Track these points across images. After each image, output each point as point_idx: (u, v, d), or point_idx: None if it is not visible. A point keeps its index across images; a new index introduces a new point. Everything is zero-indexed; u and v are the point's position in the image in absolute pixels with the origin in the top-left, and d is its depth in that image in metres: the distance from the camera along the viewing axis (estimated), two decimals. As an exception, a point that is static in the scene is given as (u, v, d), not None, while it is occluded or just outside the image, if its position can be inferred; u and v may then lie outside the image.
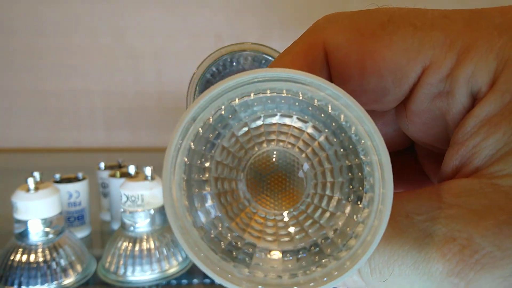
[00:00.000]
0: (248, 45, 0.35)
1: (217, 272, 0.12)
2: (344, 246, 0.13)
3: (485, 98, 0.14)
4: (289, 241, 0.14)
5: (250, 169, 0.14)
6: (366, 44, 0.15)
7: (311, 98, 0.13)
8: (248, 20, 0.92)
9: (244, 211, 0.14)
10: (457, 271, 0.13)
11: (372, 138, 0.12)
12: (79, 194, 0.51)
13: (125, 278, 0.42)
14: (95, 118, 0.95)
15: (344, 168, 0.14)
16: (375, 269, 0.14)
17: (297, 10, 0.92)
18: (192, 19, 0.92)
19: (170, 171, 0.12)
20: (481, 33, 0.14)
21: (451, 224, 0.13)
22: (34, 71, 0.93)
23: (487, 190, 0.13)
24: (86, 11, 0.91)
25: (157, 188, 0.43)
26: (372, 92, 0.16)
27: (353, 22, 0.16)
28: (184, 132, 0.13)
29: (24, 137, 0.96)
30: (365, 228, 0.12)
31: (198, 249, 0.12)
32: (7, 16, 0.91)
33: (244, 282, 0.12)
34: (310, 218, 0.14)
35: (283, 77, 0.12)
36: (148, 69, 0.94)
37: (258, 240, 0.13)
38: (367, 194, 0.13)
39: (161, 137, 0.96)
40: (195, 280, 0.44)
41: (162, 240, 0.43)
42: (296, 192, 0.14)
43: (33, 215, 0.40)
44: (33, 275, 0.40)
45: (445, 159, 0.15)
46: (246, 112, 0.14)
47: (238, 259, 0.13)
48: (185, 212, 0.13)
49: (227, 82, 0.12)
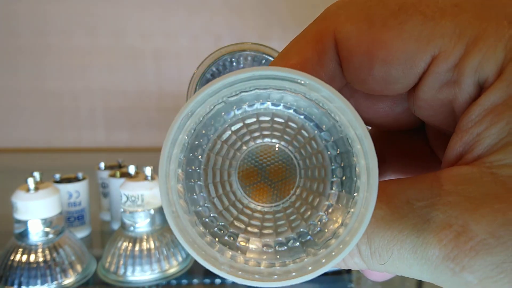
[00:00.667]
0: (248, 45, 0.35)
1: (202, 256, 0.13)
2: (333, 236, 0.14)
3: (491, 88, 0.14)
4: (274, 232, 0.14)
5: (243, 162, 0.15)
6: (377, 33, 0.15)
7: (306, 97, 0.13)
8: (248, 20, 0.92)
9: (234, 201, 0.15)
10: (452, 256, 0.13)
11: (362, 142, 0.13)
12: (79, 194, 0.51)
13: (125, 278, 0.42)
14: (95, 118, 0.95)
15: (335, 168, 0.14)
16: (375, 252, 0.14)
17: (297, 10, 0.92)
18: (192, 19, 0.92)
19: (166, 161, 0.13)
20: (491, 22, 0.14)
21: (448, 211, 0.14)
22: (34, 71, 0.93)
23: (486, 179, 0.14)
24: (86, 11, 0.91)
25: (157, 188, 0.43)
26: (382, 80, 0.16)
27: (364, 10, 0.16)
28: (181, 126, 0.13)
29: (24, 137, 0.96)
30: (346, 228, 0.13)
31: (187, 234, 0.13)
32: (7, 16, 0.91)
33: (225, 267, 0.13)
34: (298, 210, 0.14)
35: (280, 76, 0.13)
36: (148, 69, 0.94)
37: (242, 230, 0.14)
38: (354, 196, 0.14)
39: (161, 137, 0.96)
40: (195, 280, 0.44)
41: (162, 240, 0.43)
42: (286, 185, 0.15)
43: (33, 215, 0.40)
44: (33, 275, 0.40)
45: (449, 145, 0.15)
46: (241, 108, 0.14)
47: (222, 246, 0.14)
48: (178, 199, 0.13)
49: (225, 79, 0.13)
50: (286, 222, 0.14)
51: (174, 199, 0.13)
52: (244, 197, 0.15)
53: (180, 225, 0.13)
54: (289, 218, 0.15)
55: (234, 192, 0.15)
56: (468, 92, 0.15)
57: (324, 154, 0.14)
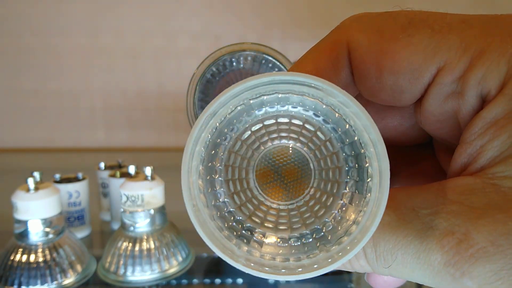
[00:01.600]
0: (248, 45, 0.35)
1: (220, 248, 0.14)
2: (345, 234, 0.14)
3: (493, 101, 0.15)
4: (288, 228, 0.15)
5: (261, 161, 0.16)
6: (386, 44, 0.16)
7: (322, 102, 0.14)
8: (248, 20, 0.92)
9: (250, 198, 0.15)
10: (453, 262, 0.14)
11: (376, 146, 0.13)
12: (79, 194, 0.51)
13: (125, 278, 0.42)
14: (95, 118, 0.95)
15: (348, 169, 0.15)
16: (380, 256, 0.15)
17: (297, 10, 0.92)
18: (192, 19, 0.92)
19: (189, 158, 0.14)
20: (495, 38, 0.15)
21: (452, 219, 0.14)
22: (34, 71, 0.93)
23: (488, 190, 0.14)
24: (86, 11, 0.91)
25: (157, 188, 0.43)
26: (390, 90, 0.17)
27: (375, 23, 0.17)
28: (204, 125, 0.14)
29: (24, 137, 0.96)
30: (359, 225, 0.14)
31: (206, 227, 0.14)
32: (7, 16, 0.91)
33: (241, 259, 0.14)
34: (312, 208, 0.15)
35: (299, 81, 0.14)
36: (148, 69, 0.93)
37: (258, 225, 0.15)
38: (366, 196, 0.14)
39: (161, 137, 0.96)
40: (195, 280, 0.44)
41: (162, 240, 0.43)
42: (301, 185, 0.16)
43: (33, 215, 0.40)
44: (33, 275, 0.40)
45: (454, 157, 0.16)
46: (261, 110, 0.15)
47: (239, 239, 0.14)
48: (198, 194, 0.14)
49: (247, 82, 0.14)
50: (300, 219, 0.15)
51: (195, 194, 0.14)
52: (261, 194, 0.16)
53: (200, 218, 0.14)
54: (303, 216, 0.15)
55: (251, 189, 0.16)
56: (471, 104, 0.16)
57: (339, 156, 0.15)
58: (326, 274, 0.14)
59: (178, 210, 0.52)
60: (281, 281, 0.43)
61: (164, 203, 0.44)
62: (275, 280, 0.43)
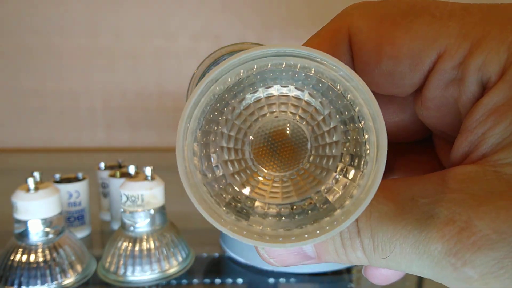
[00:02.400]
0: (248, 45, 0.35)
1: (208, 212, 0.14)
2: (338, 205, 0.14)
3: (494, 88, 0.15)
4: (280, 197, 0.15)
5: (258, 132, 0.15)
6: (386, 30, 0.16)
7: (323, 76, 0.14)
8: (248, 20, 0.92)
9: (244, 168, 0.15)
10: (454, 251, 0.13)
11: (375, 119, 0.13)
12: (79, 194, 0.51)
13: (125, 278, 0.42)
14: (95, 118, 0.95)
15: (345, 142, 0.15)
16: (378, 246, 0.15)
17: (297, 10, 0.92)
18: (192, 19, 0.92)
19: (186, 120, 0.14)
20: (495, 26, 0.15)
21: (452, 207, 0.14)
22: (34, 71, 0.93)
23: (489, 177, 0.14)
24: (86, 11, 0.91)
25: (157, 188, 0.43)
26: (390, 75, 0.17)
27: (376, 10, 0.17)
28: (204, 90, 0.14)
29: (24, 137, 0.96)
30: (358, 190, 0.14)
31: (205, 203, 0.14)
32: (7, 16, 0.91)
33: (230, 226, 0.14)
34: (308, 179, 0.15)
35: (302, 54, 0.14)
36: (148, 69, 0.93)
37: (249, 192, 0.15)
38: (363, 169, 0.14)
39: (161, 137, 0.96)
40: (195, 280, 0.44)
41: (162, 240, 0.43)
42: (296, 157, 0.15)
43: (33, 215, 0.40)
44: (33, 275, 0.40)
45: (455, 145, 0.16)
46: (262, 81, 0.15)
47: (239, 213, 0.14)
48: (192, 157, 0.14)
49: (252, 52, 0.14)
50: (292, 190, 0.15)
51: (189, 157, 0.14)
52: (255, 165, 0.15)
53: (191, 181, 0.14)
54: (296, 187, 0.15)
55: (245, 160, 0.15)
56: (471, 91, 0.16)
57: (337, 129, 0.15)
58: (326, 274, 0.14)
59: (178, 210, 0.52)
60: (281, 281, 0.43)
61: (164, 203, 0.44)
62: (275, 280, 0.43)
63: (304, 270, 0.43)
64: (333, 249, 0.16)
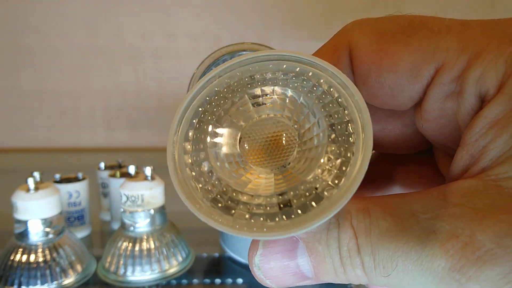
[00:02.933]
0: (248, 45, 0.35)
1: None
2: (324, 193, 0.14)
3: (493, 101, 0.15)
4: (274, 190, 0.15)
5: (247, 130, 0.16)
6: (385, 44, 0.17)
7: (317, 78, 0.15)
8: (248, 20, 0.92)
9: (231, 162, 0.16)
10: (459, 267, 0.13)
11: (360, 111, 0.14)
12: (79, 194, 0.51)
13: (125, 278, 0.42)
14: (95, 118, 0.95)
15: (330, 134, 0.15)
16: (379, 264, 0.14)
17: (297, 10, 0.92)
18: (192, 19, 0.92)
19: (183, 110, 0.15)
20: (493, 39, 0.15)
21: (454, 222, 0.14)
22: (34, 71, 0.93)
23: (490, 191, 0.14)
24: (86, 11, 0.91)
25: (157, 188, 0.43)
26: (389, 88, 0.17)
27: (376, 26, 0.17)
28: (206, 85, 0.15)
29: (24, 137, 0.96)
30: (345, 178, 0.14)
31: (194, 199, 0.14)
32: (7, 16, 0.91)
33: (235, 225, 0.14)
34: (296, 171, 0.15)
35: (308, 61, 0.15)
36: (148, 69, 0.93)
37: (246, 189, 0.15)
38: (349, 161, 0.14)
39: (161, 137, 0.96)
40: (195, 280, 0.44)
41: (162, 240, 0.43)
42: (285, 150, 0.16)
43: (33, 215, 0.40)
44: (33, 275, 0.40)
45: (455, 158, 0.16)
46: (262, 82, 0.16)
47: (227, 207, 0.15)
48: (182, 142, 0.15)
49: (255, 55, 0.15)
50: (281, 182, 0.15)
51: (180, 139, 0.15)
52: (243, 161, 0.16)
53: (186, 191, 0.14)
54: (285, 179, 0.15)
55: (234, 155, 0.16)
56: (470, 103, 0.16)
57: (322, 122, 0.15)
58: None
59: (178, 210, 0.52)
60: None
61: (164, 203, 0.44)
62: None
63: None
64: (332, 268, 0.15)
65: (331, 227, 0.15)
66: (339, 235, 0.15)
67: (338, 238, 0.15)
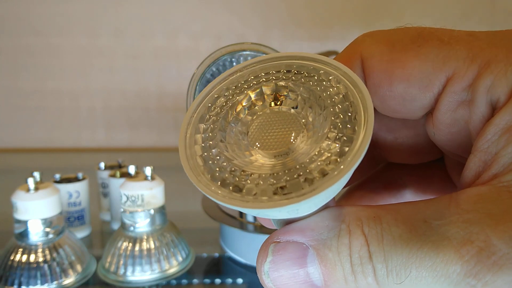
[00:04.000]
0: (248, 45, 0.35)
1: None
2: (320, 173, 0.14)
3: (504, 108, 0.15)
4: (277, 171, 0.15)
5: (260, 121, 0.16)
6: (396, 54, 0.17)
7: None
8: (248, 20, 0.92)
9: (242, 147, 0.16)
10: (474, 272, 0.13)
11: (363, 100, 0.15)
12: (79, 194, 0.51)
13: (125, 278, 0.42)
14: (95, 118, 0.95)
15: (336, 119, 0.15)
16: (392, 271, 0.14)
17: (297, 10, 0.92)
18: (192, 19, 0.92)
19: (194, 109, 0.16)
20: (502, 49, 0.16)
21: (469, 228, 0.14)
22: (34, 71, 0.93)
23: (504, 197, 0.14)
24: (86, 11, 0.91)
25: (157, 188, 0.43)
26: (400, 98, 0.17)
27: (387, 37, 0.18)
28: (218, 84, 0.17)
29: (24, 137, 0.96)
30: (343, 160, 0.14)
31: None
32: (7, 16, 0.91)
33: (242, 202, 0.14)
34: (298, 154, 0.15)
35: (315, 59, 0.16)
36: (148, 69, 0.94)
37: (249, 168, 0.15)
38: (352, 137, 0.14)
39: (161, 137, 0.96)
40: (195, 280, 0.44)
41: (162, 240, 0.43)
42: (289, 136, 0.16)
43: (33, 215, 0.40)
44: (33, 275, 0.40)
45: (466, 165, 0.16)
46: (277, 79, 0.17)
47: (233, 186, 0.15)
48: (192, 144, 0.16)
49: (269, 56, 0.17)
50: (284, 164, 0.15)
51: (194, 121, 0.16)
52: (251, 145, 0.16)
53: (196, 173, 0.15)
54: (287, 162, 0.15)
55: (243, 144, 0.16)
56: (481, 111, 0.16)
57: (327, 112, 0.15)
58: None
59: (178, 210, 0.52)
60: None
61: (164, 203, 0.44)
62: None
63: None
64: (342, 276, 0.15)
65: (342, 234, 0.15)
66: (350, 242, 0.15)
67: (349, 245, 0.15)
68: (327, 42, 0.92)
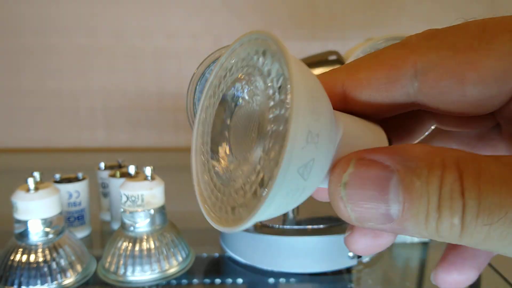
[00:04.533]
0: (248, 45, 0.35)
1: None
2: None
3: None
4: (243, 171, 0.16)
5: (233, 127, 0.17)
6: (463, 56, 0.16)
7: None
8: (248, 20, 0.92)
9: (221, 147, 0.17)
10: None
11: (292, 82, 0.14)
12: (79, 194, 0.51)
13: (125, 278, 0.42)
14: (95, 118, 0.95)
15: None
16: (485, 210, 0.13)
17: (297, 10, 0.92)
18: (192, 19, 0.92)
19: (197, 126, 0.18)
20: None
21: None
22: (34, 71, 0.93)
23: None
24: (87, 11, 0.91)
25: (157, 188, 0.43)
26: (477, 100, 0.16)
27: (445, 40, 0.16)
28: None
29: (24, 137, 0.96)
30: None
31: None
32: (7, 16, 0.91)
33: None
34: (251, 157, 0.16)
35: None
36: (148, 69, 0.94)
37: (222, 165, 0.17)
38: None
39: (161, 137, 0.96)
40: (195, 280, 0.44)
41: (162, 240, 0.43)
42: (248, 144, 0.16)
43: (33, 215, 0.40)
44: (33, 275, 0.40)
45: None
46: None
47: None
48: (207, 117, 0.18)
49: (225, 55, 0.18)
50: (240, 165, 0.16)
51: (203, 117, 0.18)
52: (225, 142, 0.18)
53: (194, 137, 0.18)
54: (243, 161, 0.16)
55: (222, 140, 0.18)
56: None
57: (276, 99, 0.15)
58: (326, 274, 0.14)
59: (178, 210, 0.52)
60: (281, 281, 0.43)
61: (164, 203, 0.44)
62: (274, 280, 0.43)
63: (304, 270, 0.43)
64: (424, 211, 0.13)
65: (434, 166, 0.13)
66: (442, 175, 0.13)
67: (441, 177, 0.13)
68: (327, 42, 0.92)
